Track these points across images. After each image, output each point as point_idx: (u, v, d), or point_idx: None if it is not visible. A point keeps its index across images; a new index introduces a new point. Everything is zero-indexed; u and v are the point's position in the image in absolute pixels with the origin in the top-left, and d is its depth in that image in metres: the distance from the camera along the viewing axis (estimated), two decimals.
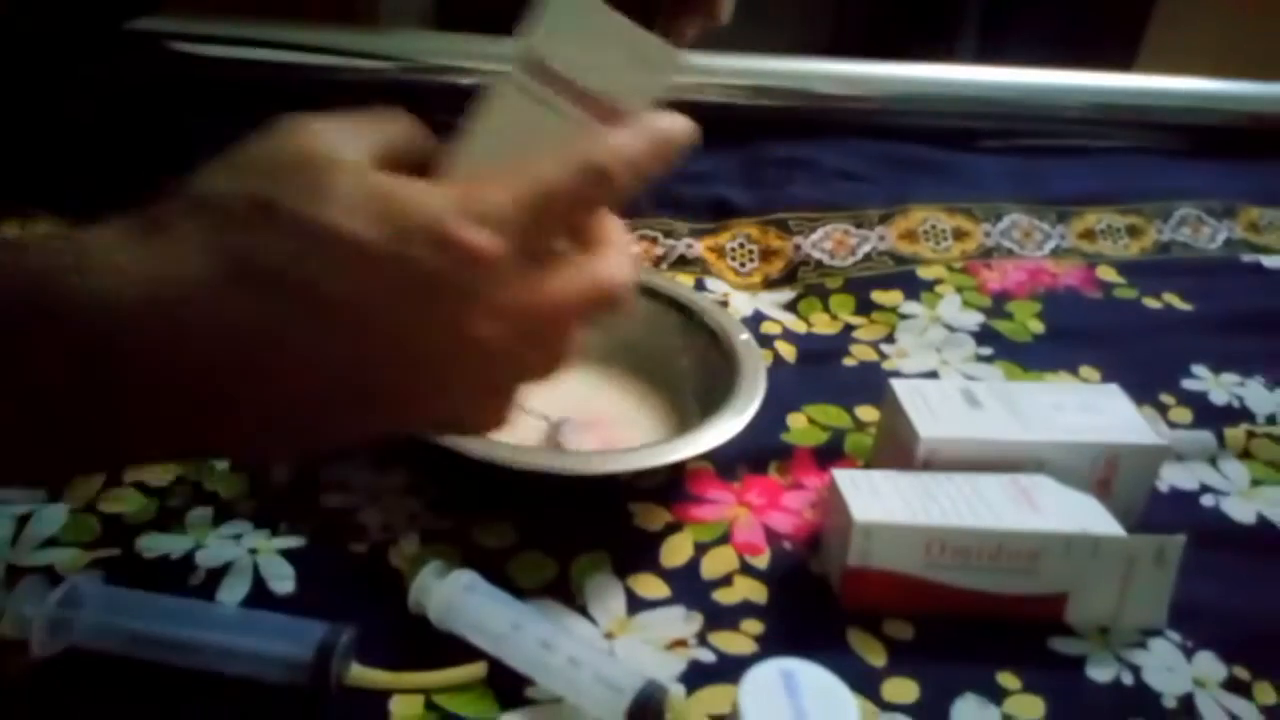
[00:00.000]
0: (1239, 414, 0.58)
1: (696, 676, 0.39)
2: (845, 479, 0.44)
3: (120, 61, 0.68)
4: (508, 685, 0.38)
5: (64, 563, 0.41)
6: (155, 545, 0.42)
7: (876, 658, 0.41)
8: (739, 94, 0.78)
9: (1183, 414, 0.57)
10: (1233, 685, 0.42)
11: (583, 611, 0.41)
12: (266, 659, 0.37)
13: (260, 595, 0.40)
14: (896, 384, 0.49)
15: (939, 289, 0.66)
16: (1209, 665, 0.42)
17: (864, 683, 0.39)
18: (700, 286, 0.64)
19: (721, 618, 0.42)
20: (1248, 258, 0.74)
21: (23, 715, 0.35)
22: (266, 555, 0.42)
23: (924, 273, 0.68)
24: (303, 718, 0.36)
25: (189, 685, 0.36)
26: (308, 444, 0.34)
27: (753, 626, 0.42)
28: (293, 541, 0.43)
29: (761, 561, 0.45)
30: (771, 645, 0.41)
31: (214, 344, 0.26)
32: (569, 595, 0.42)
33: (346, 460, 0.47)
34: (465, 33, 0.76)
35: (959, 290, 0.66)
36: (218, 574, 0.41)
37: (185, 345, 0.26)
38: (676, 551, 0.45)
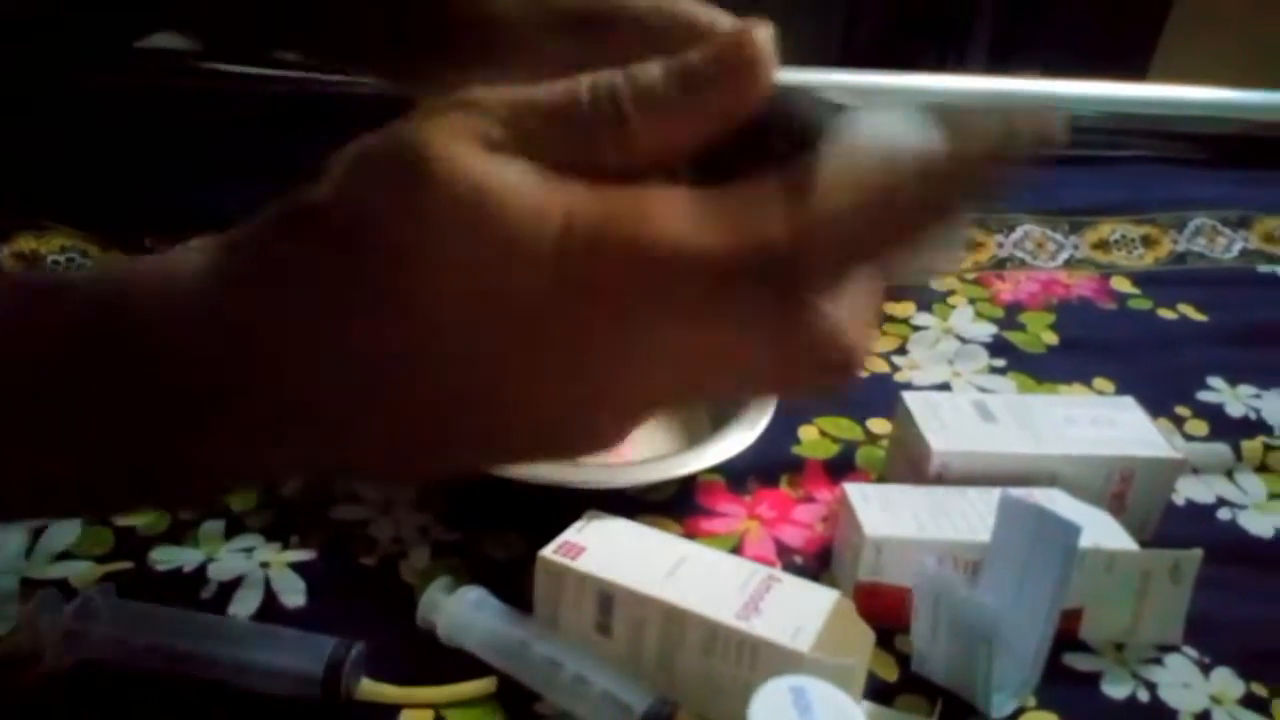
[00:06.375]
0: (1256, 426, 0.57)
1: None
2: (857, 493, 0.44)
3: (135, 72, 0.68)
4: (517, 701, 0.38)
5: (78, 576, 0.41)
6: (168, 558, 0.42)
7: (888, 673, 0.41)
8: None
9: (1199, 426, 0.57)
10: (1250, 701, 0.41)
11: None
12: (278, 673, 0.37)
13: (271, 608, 0.41)
14: (909, 396, 0.49)
15: (951, 300, 0.66)
16: (1226, 681, 0.42)
17: (877, 698, 0.39)
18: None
19: None
20: (1264, 268, 0.73)
21: None
22: (278, 569, 0.42)
23: (936, 284, 0.67)
24: None
25: (201, 699, 0.37)
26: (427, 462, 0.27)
27: None
28: (304, 555, 0.43)
29: None
30: None
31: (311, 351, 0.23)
32: None
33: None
34: None
35: (971, 301, 0.66)
36: (229, 587, 0.41)
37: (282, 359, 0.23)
38: None
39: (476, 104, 0.24)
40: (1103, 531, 0.43)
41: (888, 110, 0.24)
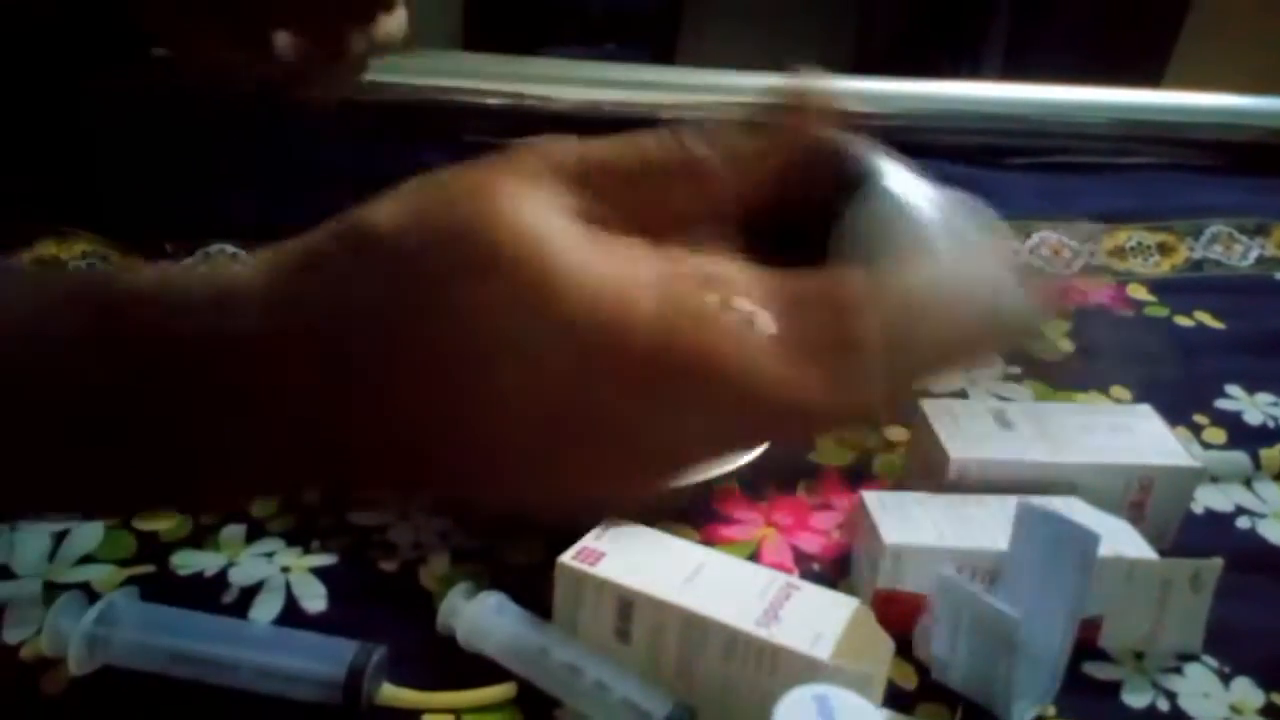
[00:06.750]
0: (1274, 434, 0.57)
1: None
2: (875, 500, 0.44)
3: (155, 76, 0.69)
4: (537, 706, 0.38)
5: (100, 579, 0.41)
6: (189, 562, 0.43)
7: (908, 681, 0.41)
8: None
9: (1217, 434, 0.57)
10: (1271, 711, 0.41)
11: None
12: (299, 678, 0.37)
13: (292, 613, 0.41)
14: (926, 403, 0.49)
15: None
16: (1246, 691, 0.42)
17: (896, 706, 0.39)
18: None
19: None
20: None
21: None
22: (299, 573, 0.42)
23: None
24: None
25: (222, 703, 0.37)
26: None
27: None
28: (324, 559, 0.43)
29: None
30: None
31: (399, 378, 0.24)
32: None
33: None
34: (494, 54, 0.76)
35: None
36: (251, 592, 0.41)
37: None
38: None
39: (548, 168, 0.25)
40: (1122, 540, 0.43)
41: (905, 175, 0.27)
